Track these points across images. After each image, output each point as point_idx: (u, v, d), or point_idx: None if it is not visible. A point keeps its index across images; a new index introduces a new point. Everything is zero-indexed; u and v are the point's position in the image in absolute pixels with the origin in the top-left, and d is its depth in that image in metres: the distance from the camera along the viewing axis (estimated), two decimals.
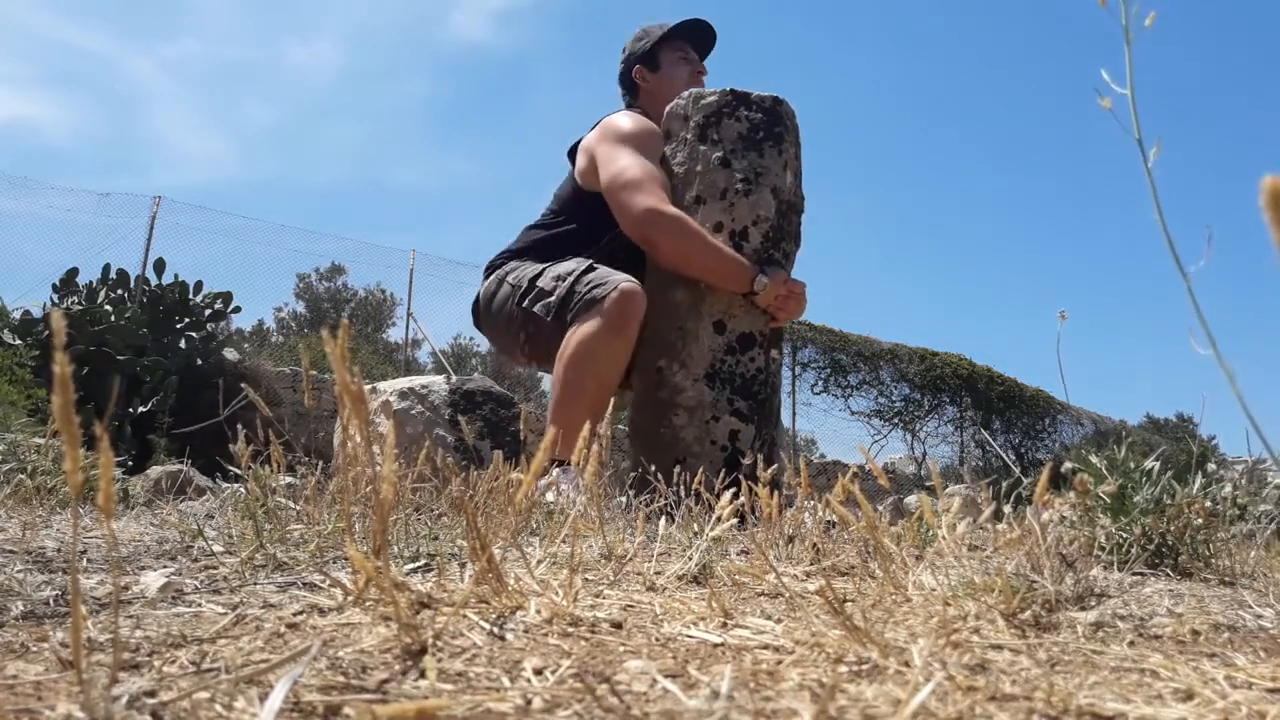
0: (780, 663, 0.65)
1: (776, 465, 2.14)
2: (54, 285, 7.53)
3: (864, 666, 0.64)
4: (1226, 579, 1.31)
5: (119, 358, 6.57)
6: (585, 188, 2.57)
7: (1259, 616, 0.97)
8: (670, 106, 2.53)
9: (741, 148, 2.41)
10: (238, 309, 8.14)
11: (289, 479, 1.52)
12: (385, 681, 0.56)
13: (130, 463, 4.06)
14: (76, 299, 7.36)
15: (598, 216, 2.49)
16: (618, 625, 0.76)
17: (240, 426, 1.32)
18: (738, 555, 1.33)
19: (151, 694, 0.50)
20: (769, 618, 0.83)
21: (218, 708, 0.49)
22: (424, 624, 0.68)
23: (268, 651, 0.62)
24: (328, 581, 0.90)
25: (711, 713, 0.51)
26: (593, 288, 2.29)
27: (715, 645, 0.70)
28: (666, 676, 0.59)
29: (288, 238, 10.87)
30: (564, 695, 0.54)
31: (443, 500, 1.54)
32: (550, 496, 1.72)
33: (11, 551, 1.04)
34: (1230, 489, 1.64)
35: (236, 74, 36.06)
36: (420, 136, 41.81)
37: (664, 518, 1.46)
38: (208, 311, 7.87)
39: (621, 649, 0.67)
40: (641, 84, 2.76)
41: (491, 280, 2.65)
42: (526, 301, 2.46)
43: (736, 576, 1.09)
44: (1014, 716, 0.53)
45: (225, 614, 0.74)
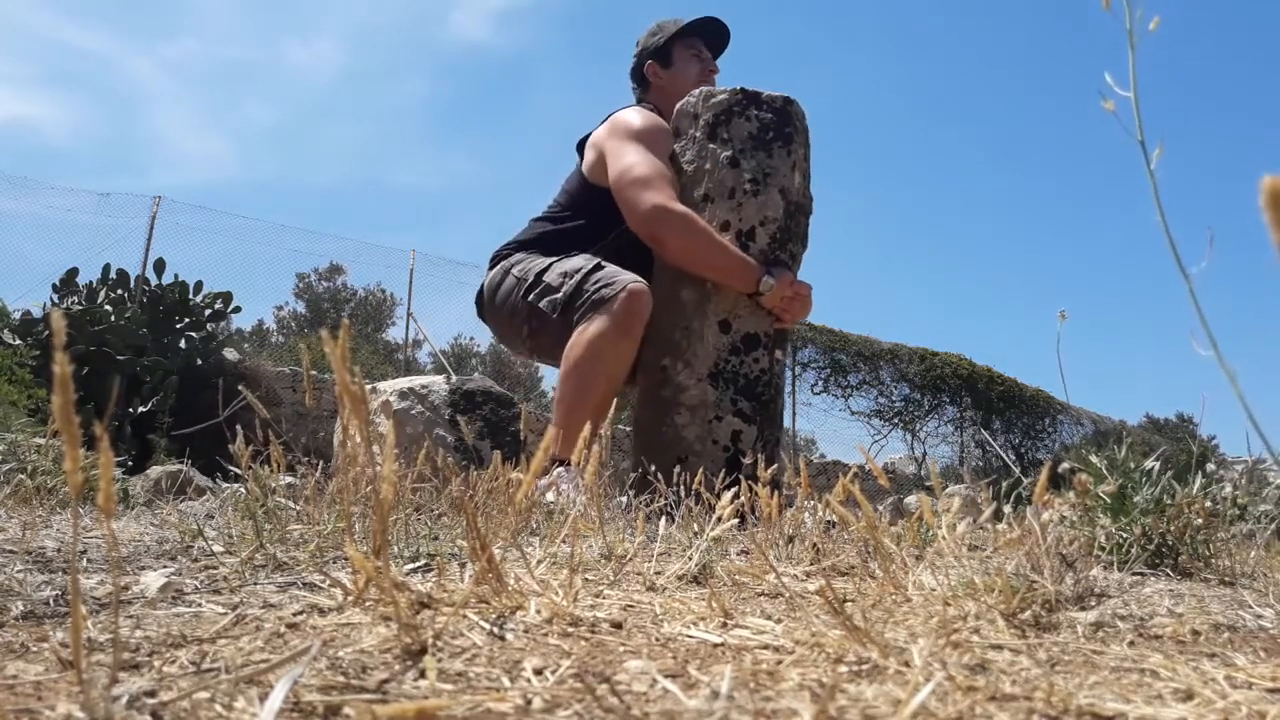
0: (780, 663, 0.65)
1: (777, 465, 2.14)
2: (54, 285, 7.53)
3: (864, 666, 0.64)
4: (1226, 579, 1.31)
5: (119, 358, 6.58)
6: (593, 182, 2.57)
7: (1259, 616, 0.97)
8: (680, 104, 2.52)
9: (751, 147, 2.40)
10: (238, 309, 8.15)
11: (289, 479, 1.52)
12: (385, 681, 0.56)
13: (130, 463, 4.06)
14: (76, 299, 7.36)
15: (605, 211, 2.48)
16: (618, 625, 0.76)
17: (239, 427, 1.32)
18: (738, 555, 1.33)
19: (151, 694, 0.50)
20: (769, 618, 0.83)
21: (218, 708, 0.49)
22: (424, 624, 0.68)
23: (268, 651, 0.62)
24: (328, 581, 0.90)
25: (711, 713, 0.51)
26: (601, 287, 2.29)
27: (715, 645, 0.70)
28: (666, 676, 0.59)
29: (288, 238, 10.88)
30: (564, 695, 0.54)
31: (443, 500, 1.54)
32: (550, 496, 1.72)
33: (11, 551, 1.04)
34: (1230, 489, 1.64)
35: (236, 74, 36.09)
36: (420, 136, 41.84)
37: (664, 518, 1.46)
38: (208, 311, 7.87)
39: (621, 649, 0.67)
40: (653, 79, 2.75)
41: (496, 271, 2.64)
42: (532, 296, 2.46)
43: (736, 576, 1.09)
44: (1014, 716, 0.53)
45: (225, 614, 0.74)
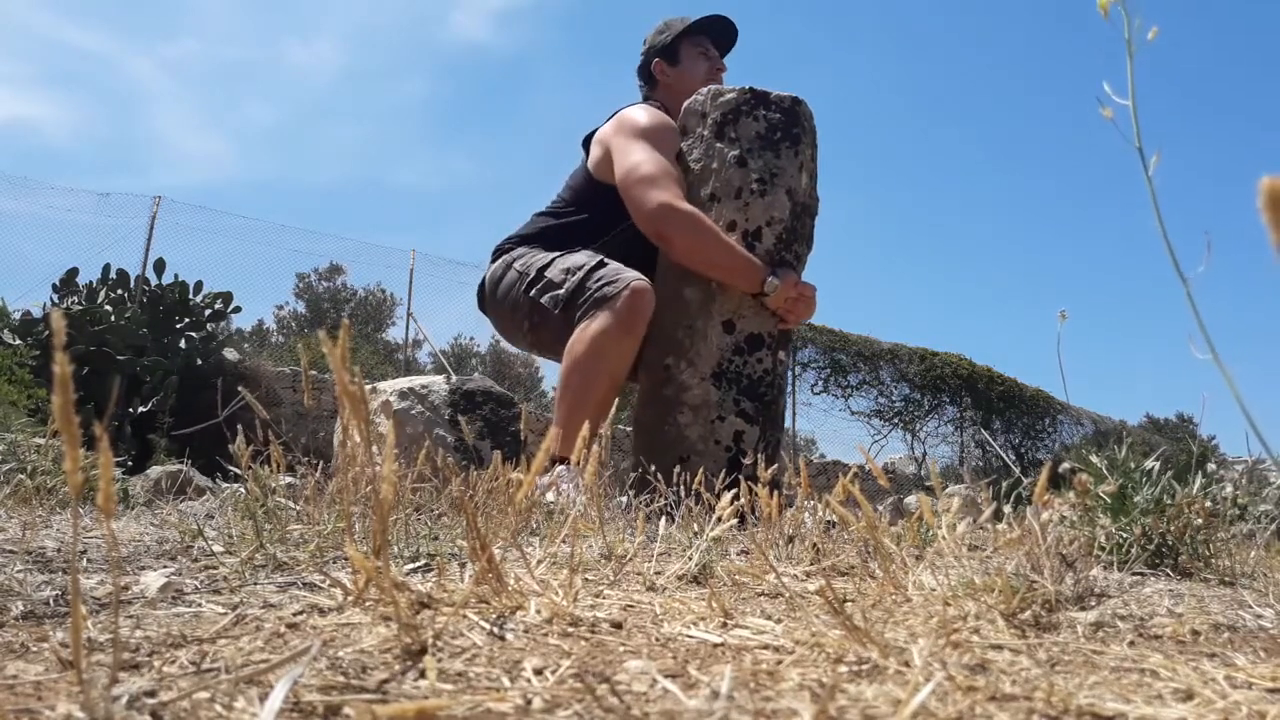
0: (780, 663, 0.65)
1: (777, 465, 2.14)
2: (54, 285, 7.54)
3: (864, 666, 0.64)
4: (1226, 579, 1.31)
5: (119, 358, 6.58)
6: (598, 179, 2.57)
7: (1259, 616, 0.97)
8: (688, 103, 2.52)
9: (758, 147, 2.40)
10: (238, 309, 8.15)
11: (289, 479, 1.52)
12: (385, 681, 0.56)
13: (130, 463, 4.06)
14: (76, 299, 7.37)
15: (609, 208, 2.48)
16: (618, 625, 0.76)
17: (240, 427, 1.32)
18: (738, 555, 1.33)
19: (151, 694, 0.50)
20: (769, 618, 0.83)
21: (218, 708, 0.49)
22: (424, 624, 0.68)
23: (268, 651, 0.62)
24: (328, 581, 0.90)
25: (711, 713, 0.51)
26: (604, 284, 2.29)
27: (715, 645, 0.70)
28: (666, 676, 0.59)
29: (288, 238, 10.87)
30: (564, 695, 0.54)
31: (443, 500, 1.54)
32: (550, 496, 1.72)
33: (11, 551, 1.04)
34: (1230, 489, 1.64)
35: (236, 74, 36.07)
36: (420, 136, 41.83)
37: (664, 518, 1.46)
38: (208, 311, 7.87)
39: (621, 649, 0.67)
40: (660, 77, 2.75)
41: (499, 265, 2.64)
42: (534, 291, 2.46)
43: (736, 576, 1.09)
44: (1014, 716, 0.53)
45: (225, 614, 0.74)
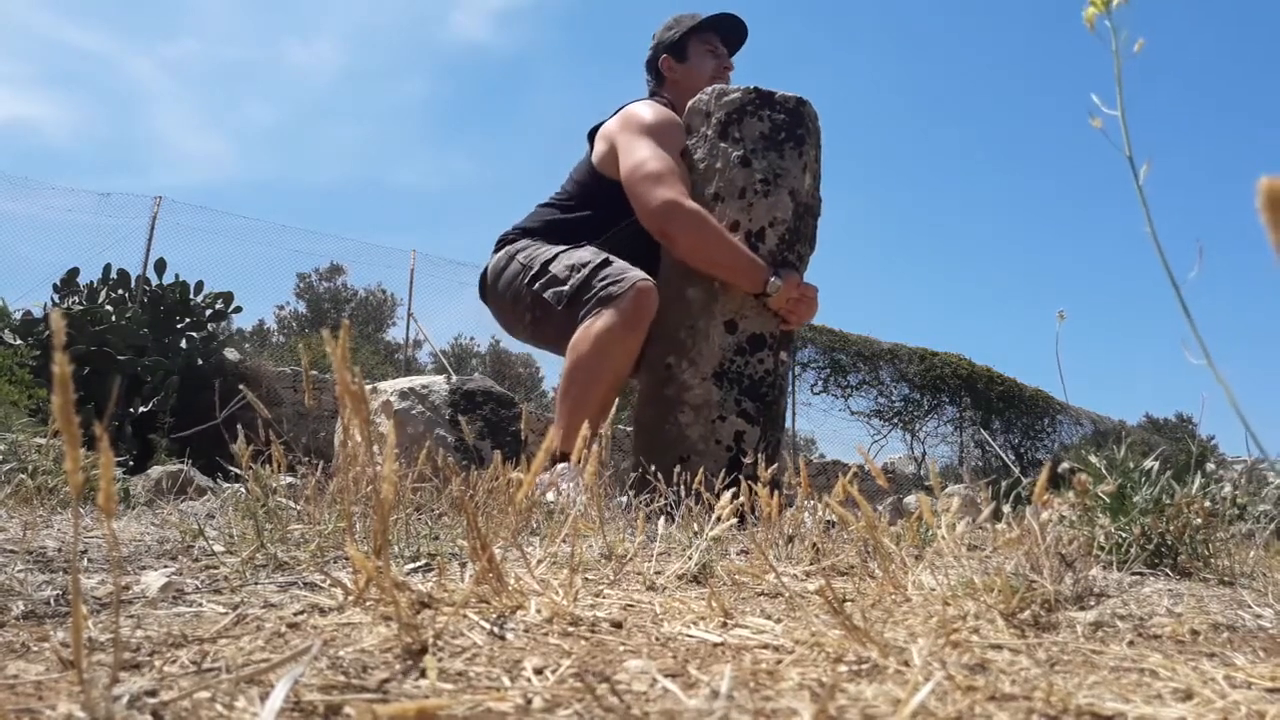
0: (780, 662, 0.65)
1: (777, 465, 2.14)
2: (54, 285, 7.53)
3: (864, 666, 0.64)
4: (1226, 579, 1.31)
5: (119, 358, 6.57)
6: (602, 173, 2.57)
7: (1258, 616, 0.97)
8: (693, 101, 2.51)
9: (762, 147, 2.39)
10: (238, 309, 8.14)
11: (289, 479, 1.52)
12: (386, 681, 0.56)
13: (131, 463, 4.06)
14: (77, 299, 7.36)
15: (613, 203, 2.48)
16: (618, 625, 0.76)
17: (240, 427, 1.32)
18: (738, 555, 1.33)
19: (152, 694, 0.50)
20: (769, 617, 0.83)
21: (218, 707, 0.49)
22: (424, 624, 0.68)
23: (268, 651, 0.62)
24: (328, 581, 0.90)
25: (711, 712, 0.51)
26: (609, 283, 2.29)
27: (715, 645, 0.70)
28: (666, 676, 0.59)
29: (288, 238, 10.85)
30: (564, 695, 0.54)
31: (443, 500, 1.54)
32: (550, 496, 1.72)
33: (12, 551, 1.04)
34: (1229, 489, 1.64)
35: (236, 74, 36.04)
36: (420, 136, 41.80)
37: (664, 518, 1.46)
38: (208, 311, 7.87)
39: (621, 649, 0.68)
40: (667, 73, 2.74)
41: (501, 255, 2.64)
42: (537, 285, 2.46)
43: (736, 576, 1.09)
44: (1013, 716, 0.54)
45: (226, 614, 0.74)
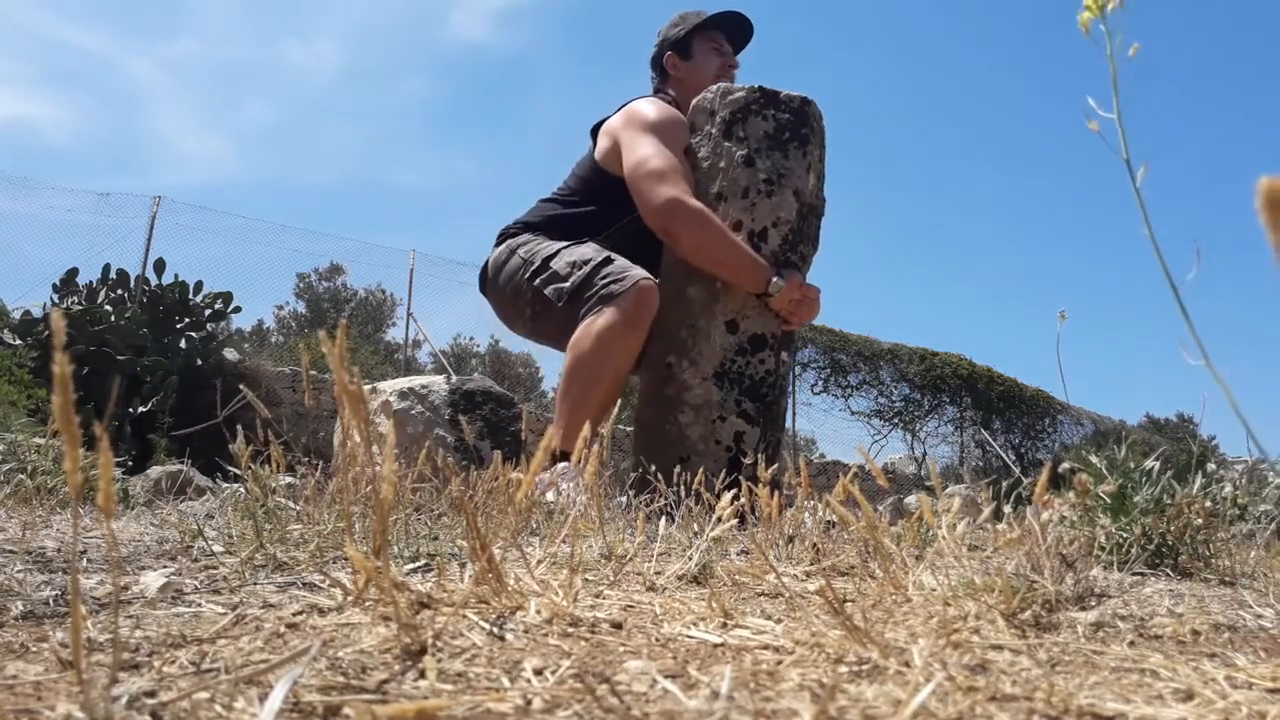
0: (780, 663, 0.65)
1: (778, 465, 2.14)
2: (54, 285, 7.53)
3: (864, 667, 0.64)
4: (1226, 579, 1.31)
5: (119, 358, 6.57)
6: (605, 169, 2.57)
7: (1259, 617, 0.97)
8: (697, 100, 2.50)
9: (766, 147, 2.38)
10: (238, 309, 8.14)
11: (289, 479, 1.52)
12: (385, 681, 0.56)
13: (130, 463, 4.06)
14: (76, 299, 7.36)
15: (615, 200, 2.48)
16: (618, 625, 0.75)
17: (240, 427, 1.32)
18: (738, 555, 1.33)
19: (151, 694, 0.50)
20: (769, 618, 0.83)
21: (217, 708, 0.49)
22: (424, 624, 0.68)
23: (267, 652, 0.62)
24: (328, 581, 0.90)
25: (711, 713, 0.51)
26: (610, 281, 2.29)
27: (715, 645, 0.70)
28: (666, 677, 0.59)
29: (288, 238, 10.84)
30: (564, 695, 0.54)
31: (443, 500, 1.54)
32: (550, 496, 1.72)
33: (11, 551, 1.04)
34: (1230, 489, 1.64)
35: (236, 74, 36.04)
36: (420, 136, 41.81)
37: (664, 518, 1.46)
38: (208, 311, 7.86)
39: (621, 649, 0.67)
40: (671, 71, 2.74)
41: (502, 249, 2.63)
42: (538, 281, 2.46)
43: (736, 576, 1.09)
44: (1014, 717, 0.53)
45: (225, 614, 0.74)
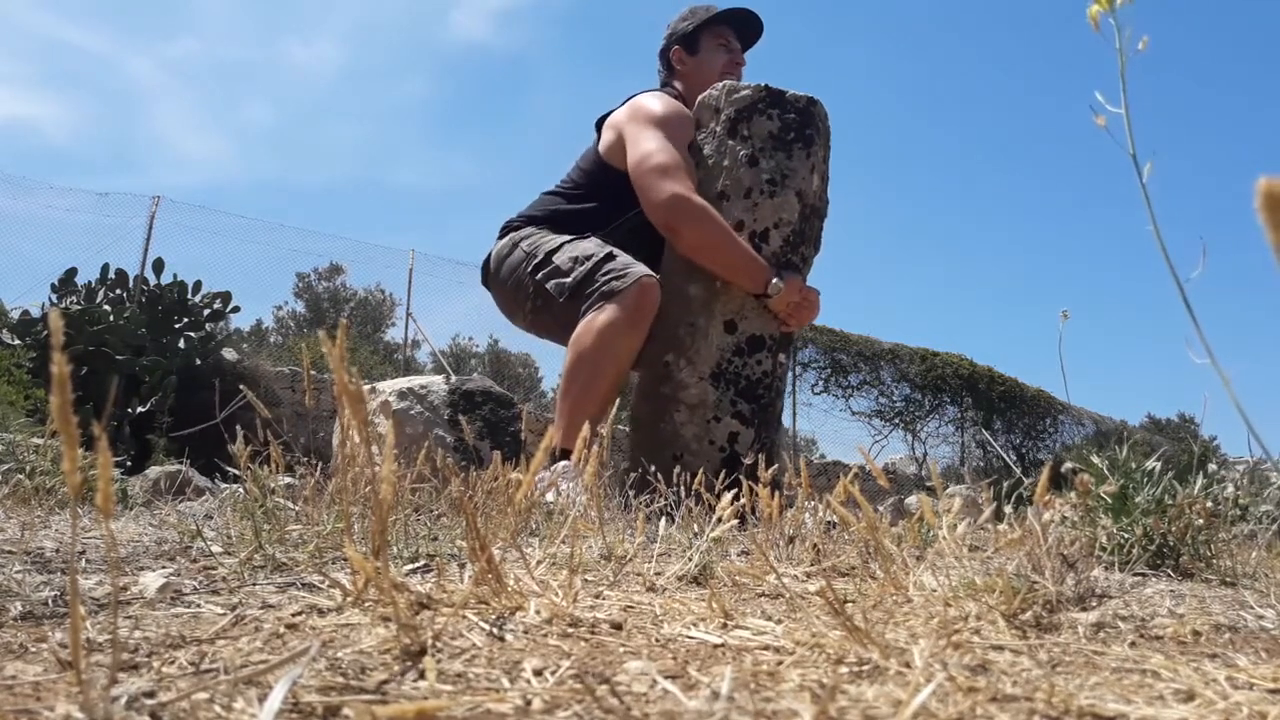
0: (780, 663, 0.64)
1: (776, 466, 2.14)
2: (53, 285, 7.52)
3: (864, 667, 0.63)
4: (1228, 580, 1.31)
5: (118, 358, 6.57)
6: (609, 163, 2.56)
7: (1260, 617, 0.97)
8: (702, 97, 2.50)
9: (770, 147, 2.38)
10: (237, 309, 8.13)
11: (288, 479, 1.52)
12: (384, 682, 0.55)
13: (129, 463, 4.05)
14: (75, 299, 7.36)
15: (618, 194, 2.48)
16: (618, 626, 0.75)
17: (239, 427, 1.31)
18: (738, 556, 1.33)
19: (150, 695, 0.50)
20: (769, 618, 0.83)
21: (217, 708, 0.48)
22: (423, 624, 0.68)
23: (267, 652, 0.62)
24: (327, 582, 0.89)
25: (711, 713, 0.51)
26: (612, 278, 2.29)
27: (715, 646, 0.70)
28: (666, 677, 0.59)
29: (287, 237, 10.81)
30: (564, 696, 0.54)
31: (442, 500, 1.54)
32: (550, 496, 1.72)
33: (10, 552, 1.04)
34: (1232, 489, 1.64)
35: (236, 74, 36.06)
36: (420, 136, 41.82)
37: (664, 518, 1.46)
38: (206, 311, 7.85)
39: (621, 650, 0.67)
40: (678, 65, 2.73)
41: (505, 242, 2.63)
42: (540, 275, 2.46)
43: (737, 577, 1.09)
44: (1015, 717, 0.53)
45: (224, 615, 0.74)
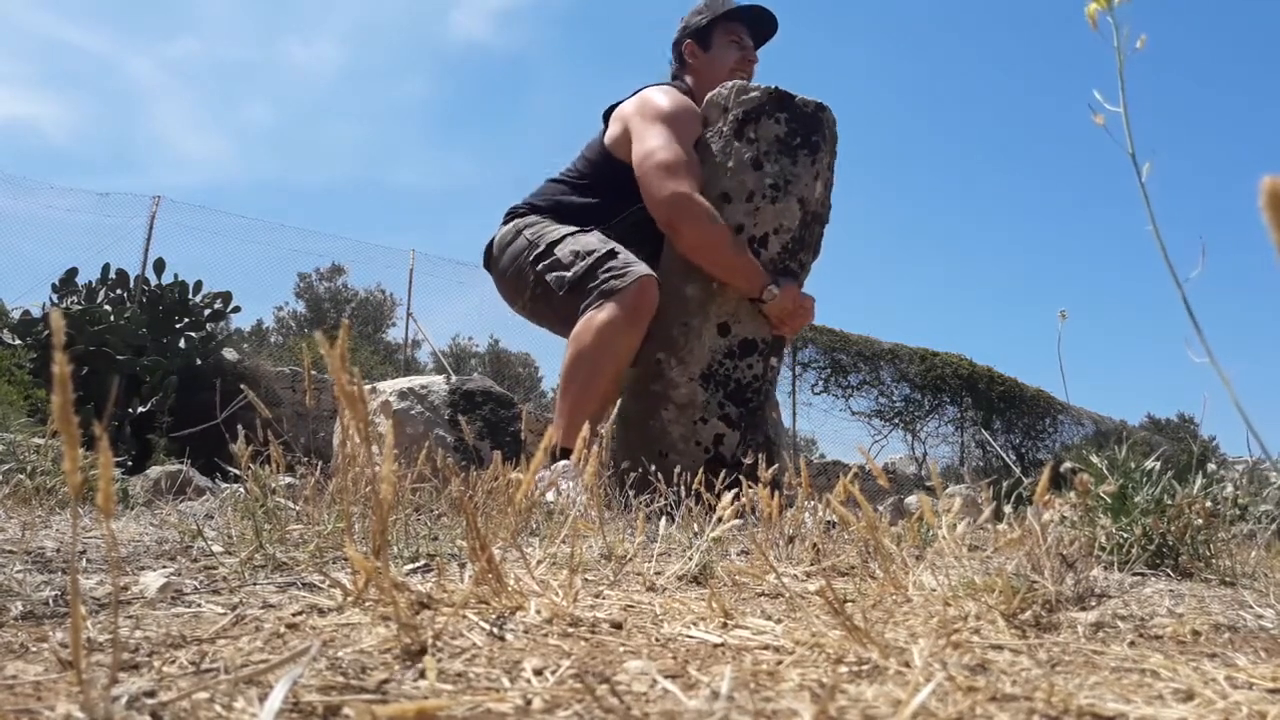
0: (780, 663, 0.65)
1: (777, 465, 2.14)
2: (53, 285, 7.52)
3: (864, 667, 0.63)
4: (1227, 579, 1.31)
5: (118, 358, 6.57)
6: (614, 155, 2.56)
7: (1259, 617, 0.97)
8: (711, 95, 2.48)
9: (776, 151, 2.37)
10: (237, 309, 8.13)
11: (289, 479, 1.52)
12: (385, 682, 0.55)
13: (130, 463, 4.05)
14: (76, 299, 7.35)
15: (622, 187, 2.48)
16: (618, 625, 0.75)
17: (239, 427, 1.32)
18: (738, 555, 1.33)
19: (151, 694, 0.50)
20: (769, 618, 0.83)
21: (217, 708, 0.48)
22: (424, 624, 0.68)
23: (267, 652, 0.62)
24: (327, 582, 0.90)
25: (711, 713, 0.51)
26: (612, 276, 2.29)
27: (715, 645, 0.70)
28: (666, 677, 0.59)
29: (287, 237, 10.81)
30: (564, 695, 0.54)
31: (442, 500, 1.54)
32: (550, 496, 1.72)
33: (11, 551, 1.04)
34: (1231, 489, 1.64)
35: (236, 74, 36.08)
36: (420, 136, 41.85)
37: (664, 518, 1.46)
38: (207, 311, 7.85)
39: (621, 649, 0.67)
40: (690, 59, 2.72)
41: (509, 229, 2.63)
42: (541, 266, 2.46)
43: (736, 577, 1.09)
44: (1014, 717, 0.53)
45: (225, 614, 0.74)
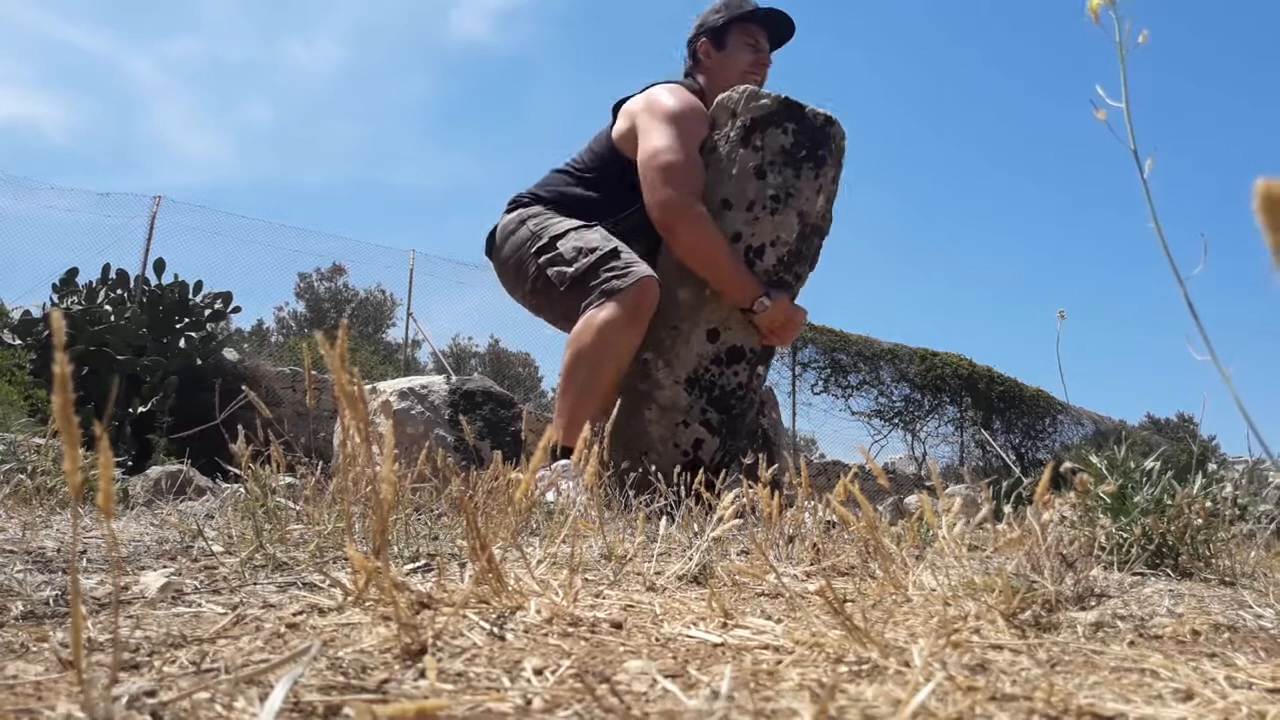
0: (780, 663, 0.65)
1: (778, 465, 2.14)
2: (54, 285, 7.51)
3: (864, 666, 0.64)
4: (1227, 579, 1.31)
5: (119, 358, 6.57)
6: (620, 150, 2.56)
7: (1259, 617, 0.97)
8: (721, 97, 2.47)
9: (781, 162, 2.35)
10: (237, 309, 8.12)
11: (289, 479, 1.52)
12: (385, 681, 0.56)
13: (130, 463, 4.06)
14: (76, 299, 7.35)
15: (627, 183, 2.47)
16: (618, 625, 0.75)
17: (240, 427, 1.32)
18: (738, 555, 1.33)
19: (151, 694, 0.50)
20: (769, 618, 0.83)
21: (218, 708, 0.49)
22: (424, 624, 0.68)
23: (268, 651, 0.62)
24: (328, 581, 0.90)
25: (711, 713, 0.51)
26: (614, 276, 2.29)
27: (715, 645, 0.70)
28: (666, 676, 0.59)
29: (288, 237, 10.80)
30: (564, 695, 0.54)
31: (443, 500, 1.54)
32: (550, 496, 1.72)
33: (11, 551, 1.04)
34: (1230, 489, 1.64)
35: (236, 74, 36.10)
36: (420, 136, 41.87)
37: (664, 517, 1.46)
38: (207, 311, 7.85)
39: (621, 649, 0.67)
40: (703, 59, 2.70)
41: (513, 218, 2.63)
42: (543, 259, 2.46)
43: (736, 576, 1.09)
44: (1014, 716, 0.53)
45: (225, 614, 0.74)
